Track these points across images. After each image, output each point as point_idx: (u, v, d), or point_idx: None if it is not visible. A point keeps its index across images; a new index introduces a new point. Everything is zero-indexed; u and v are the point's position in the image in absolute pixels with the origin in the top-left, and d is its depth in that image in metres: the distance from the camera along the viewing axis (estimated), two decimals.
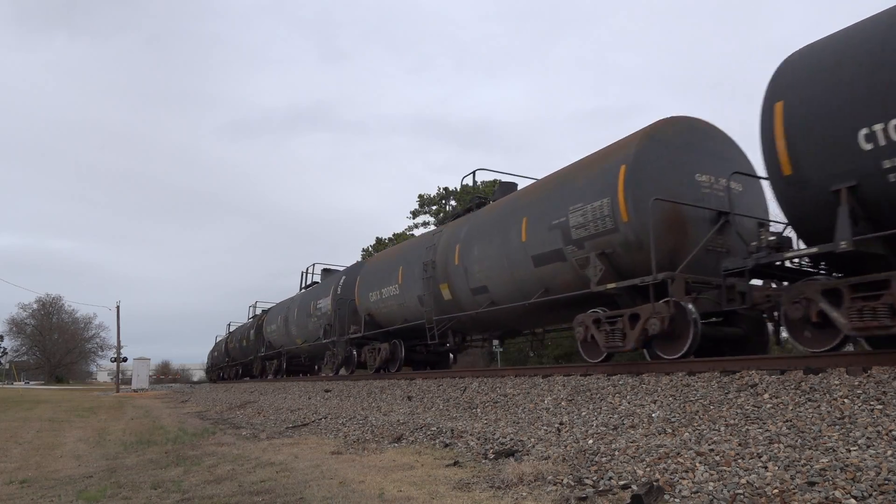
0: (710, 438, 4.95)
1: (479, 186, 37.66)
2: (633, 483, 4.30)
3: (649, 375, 7.34)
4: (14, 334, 75.27)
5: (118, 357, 44.02)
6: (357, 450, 7.03)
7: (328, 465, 6.10)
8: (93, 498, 5.33)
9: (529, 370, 9.97)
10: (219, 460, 6.99)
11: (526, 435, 6.36)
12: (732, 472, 4.11)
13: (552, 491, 4.37)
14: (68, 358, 76.83)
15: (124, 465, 7.23)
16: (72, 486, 6.02)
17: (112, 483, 5.99)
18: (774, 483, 3.80)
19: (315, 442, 8.09)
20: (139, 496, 5.31)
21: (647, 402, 6.49)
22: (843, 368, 5.68)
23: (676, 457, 4.59)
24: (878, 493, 3.46)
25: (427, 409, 9.47)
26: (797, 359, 6.33)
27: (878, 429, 4.33)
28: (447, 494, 4.54)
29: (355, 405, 11.53)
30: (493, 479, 4.83)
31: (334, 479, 5.31)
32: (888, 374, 5.22)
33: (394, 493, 4.65)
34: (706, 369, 6.95)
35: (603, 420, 6.31)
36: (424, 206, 40.84)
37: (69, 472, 6.99)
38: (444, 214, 38.08)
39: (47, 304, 76.13)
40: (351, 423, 9.23)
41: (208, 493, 5.19)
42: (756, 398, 5.62)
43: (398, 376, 14.41)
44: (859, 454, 3.98)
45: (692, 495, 3.91)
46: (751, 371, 6.33)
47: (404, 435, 7.57)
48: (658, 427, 5.62)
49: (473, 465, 5.60)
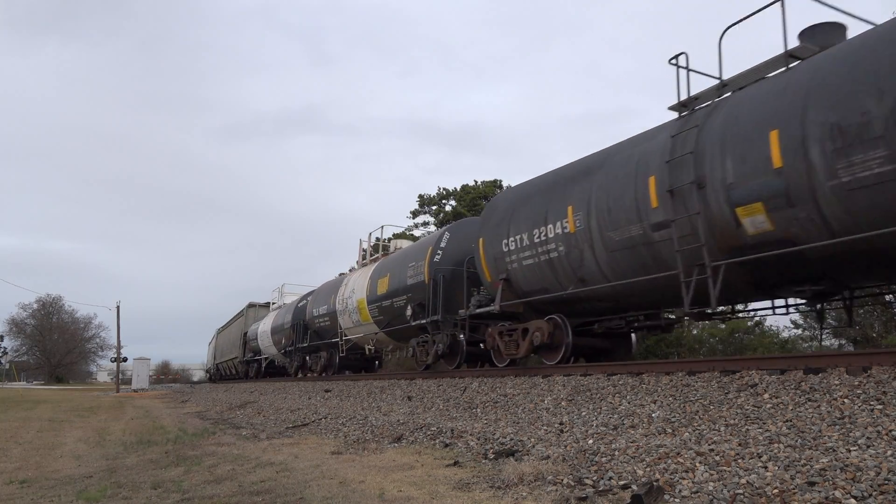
0: (710, 438, 4.94)
1: (480, 186, 37.65)
2: (633, 483, 4.30)
3: (649, 375, 7.34)
4: (14, 334, 75.31)
5: (118, 357, 44.04)
6: (357, 450, 7.03)
7: (328, 465, 6.09)
8: (93, 498, 5.33)
9: (529, 370, 9.97)
10: (219, 460, 6.99)
11: (526, 435, 6.36)
12: (732, 472, 4.11)
13: (552, 491, 4.37)
14: (68, 358, 76.82)
15: (124, 465, 7.23)
16: (72, 486, 6.02)
17: (112, 483, 5.99)
18: (774, 483, 3.80)
19: (315, 442, 8.09)
20: (139, 496, 5.31)
21: (647, 402, 6.49)
22: (843, 368, 5.68)
23: (676, 457, 4.59)
24: (878, 493, 3.46)
25: (427, 409, 9.47)
26: (797, 358, 6.33)
27: (878, 429, 4.33)
28: (447, 494, 4.54)
29: (355, 405, 11.53)
30: (493, 479, 4.83)
31: (334, 479, 5.31)
32: (888, 374, 5.22)
33: (394, 493, 4.65)
34: (706, 369, 6.95)
35: (603, 420, 6.31)
36: (424, 206, 40.83)
37: (69, 472, 6.99)
38: (445, 215, 38.09)
39: (47, 304, 76.21)
40: (351, 423, 9.24)
41: (208, 493, 5.19)
42: (756, 398, 5.62)
43: (398, 376, 14.39)
44: (859, 454, 3.98)
45: (692, 495, 3.91)
46: (751, 371, 6.33)
47: (404, 435, 7.57)
48: (658, 427, 5.62)
49: (473, 465, 5.60)
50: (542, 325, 9.94)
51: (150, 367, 52.89)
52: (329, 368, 20.32)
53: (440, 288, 12.85)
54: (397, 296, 14.63)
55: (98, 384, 76.49)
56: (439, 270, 12.97)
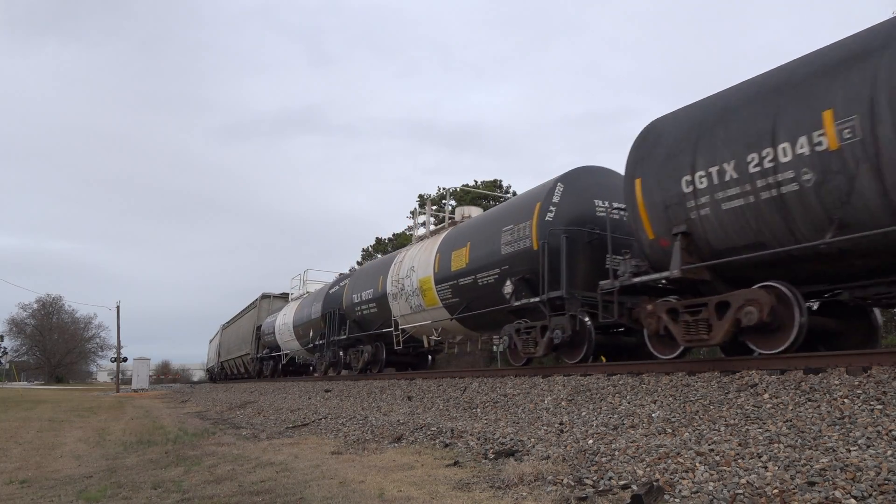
0: (710, 438, 4.94)
1: (480, 186, 37.62)
2: (633, 483, 4.30)
3: (649, 375, 7.34)
4: (14, 334, 75.34)
5: (118, 357, 44.06)
6: (357, 450, 7.03)
7: (328, 465, 6.09)
8: (93, 498, 5.33)
9: (529, 370, 9.97)
10: (219, 460, 6.99)
11: (526, 435, 6.36)
12: (732, 472, 4.11)
13: (552, 491, 4.37)
14: (68, 358, 76.85)
15: (124, 465, 7.23)
16: (72, 486, 6.02)
17: (112, 483, 5.99)
18: (774, 483, 3.80)
19: (315, 442, 8.09)
20: (139, 496, 5.31)
21: (647, 402, 6.49)
22: (843, 368, 5.68)
23: (676, 457, 4.59)
24: (878, 493, 3.46)
25: (427, 409, 9.47)
26: (797, 358, 6.33)
27: (878, 429, 4.33)
28: (447, 494, 4.54)
29: (355, 405, 11.53)
30: (493, 479, 4.83)
31: (334, 479, 5.31)
32: (888, 374, 5.22)
33: (394, 493, 4.65)
34: (706, 369, 6.95)
35: (603, 420, 6.31)
36: (424, 206, 40.83)
37: (69, 472, 6.99)
38: (445, 214, 38.09)
39: (47, 304, 76.24)
40: (351, 423, 9.24)
41: (208, 493, 5.19)
42: (756, 398, 5.62)
43: (399, 376, 14.38)
44: (859, 454, 3.98)
45: (692, 495, 3.91)
46: (751, 371, 6.33)
47: (404, 435, 7.57)
48: (658, 427, 5.62)
49: (473, 465, 5.60)
50: (761, 296, 6.78)
51: (150, 367, 52.91)
52: (374, 365, 16.91)
53: (561, 255, 9.49)
54: (485, 270, 11.25)
55: (98, 384, 76.50)
56: (555, 233, 9.69)
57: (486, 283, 11.32)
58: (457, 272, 12.19)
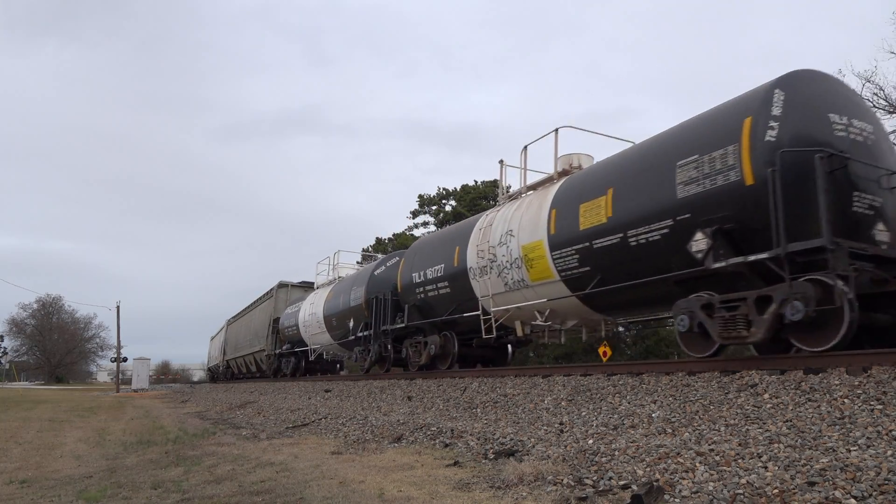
0: (710, 438, 4.94)
1: (480, 186, 37.58)
2: (633, 483, 4.30)
3: (649, 375, 7.34)
4: (14, 334, 75.47)
5: (118, 357, 44.07)
6: (357, 450, 7.03)
7: (328, 465, 6.10)
8: (93, 498, 5.33)
9: (529, 370, 9.96)
10: (219, 460, 6.99)
11: (526, 435, 6.36)
12: (732, 472, 4.11)
13: (552, 491, 4.37)
14: (68, 358, 76.92)
15: (124, 466, 7.23)
16: (72, 486, 6.02)
17: (112, 483, 5.99)
18: (774, 483, 3.80)
19: (315, 442, 8.09)
20: (139, 496, 5.31)
21: (647, 402, 6.49)
22: (843, 368, 5.68)
23: (676, 457, 4.59)
24: (878, 493, 3.46)
25: (427, 409, 9.47)
26: (797, 359, 6.33)
27: (878, 429, 4.33)
28: (447, 494, 4.54)
29: (355, 405, 11.53)
30: (493, 479, 4.83)
31: (334, 479, 5.31)
32: (888, 374, 5.22)
33: (394, 493, 4.65)
34: (706, 369, 6.95)
35: (603, 420, 6.31)
36: (424, 206, 40.84)
37: (69, 472, 6.99)
38: (445, 214, 37.98)
39: (47, 304, 76.34)
40: (351, 423, 9.24)
41: (208, 494, 5.19)
42: (756, 398, 5.62)
43: (399, 376, 14.37)
44: (859, 454, 3.98)
45: (692, 495, 3.91)
46: (751, 371, 6.33)
47: (404, 435, 7.57)
48: (658, 427, 5.62)
49: (473, 465, 5.60)
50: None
51: (150, 367, 52.91)
52: (442, 359, 13.39)
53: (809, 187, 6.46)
54: (646, 223, 8.08)
55: (98, 384, 76.49)
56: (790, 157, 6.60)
57: (645, 243, 8.09)
58: (589, 231, 8.98)
